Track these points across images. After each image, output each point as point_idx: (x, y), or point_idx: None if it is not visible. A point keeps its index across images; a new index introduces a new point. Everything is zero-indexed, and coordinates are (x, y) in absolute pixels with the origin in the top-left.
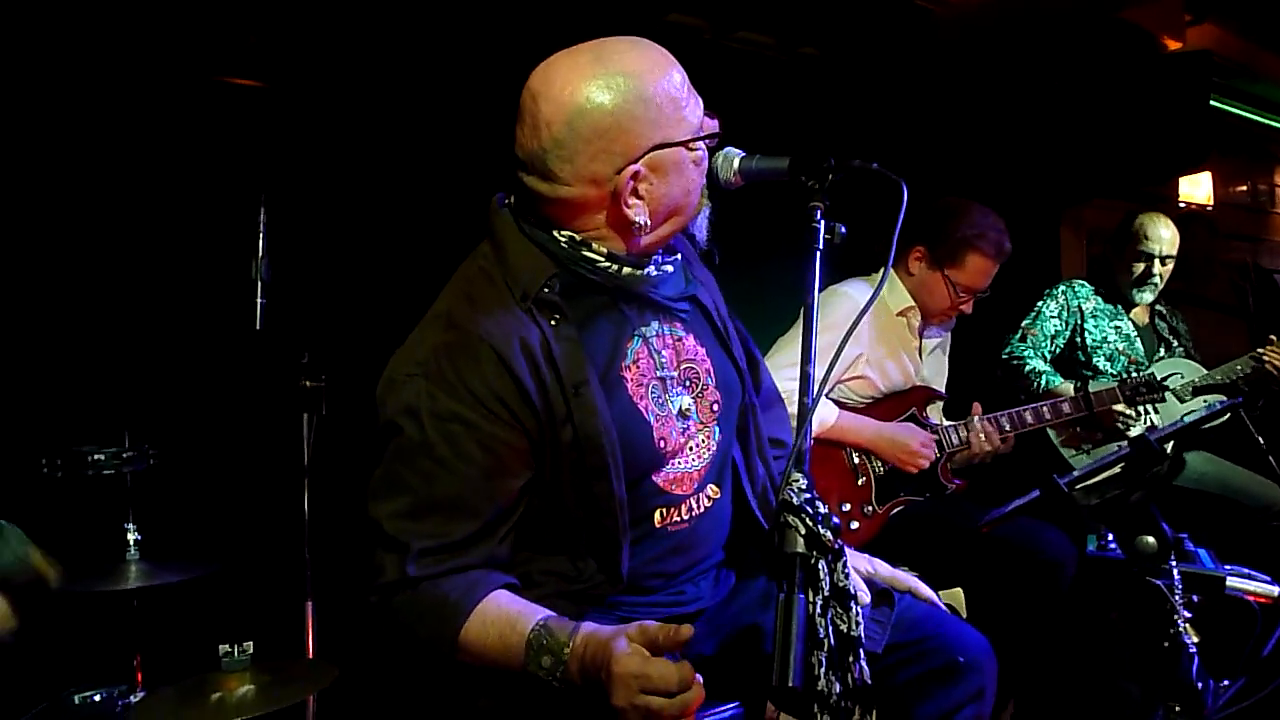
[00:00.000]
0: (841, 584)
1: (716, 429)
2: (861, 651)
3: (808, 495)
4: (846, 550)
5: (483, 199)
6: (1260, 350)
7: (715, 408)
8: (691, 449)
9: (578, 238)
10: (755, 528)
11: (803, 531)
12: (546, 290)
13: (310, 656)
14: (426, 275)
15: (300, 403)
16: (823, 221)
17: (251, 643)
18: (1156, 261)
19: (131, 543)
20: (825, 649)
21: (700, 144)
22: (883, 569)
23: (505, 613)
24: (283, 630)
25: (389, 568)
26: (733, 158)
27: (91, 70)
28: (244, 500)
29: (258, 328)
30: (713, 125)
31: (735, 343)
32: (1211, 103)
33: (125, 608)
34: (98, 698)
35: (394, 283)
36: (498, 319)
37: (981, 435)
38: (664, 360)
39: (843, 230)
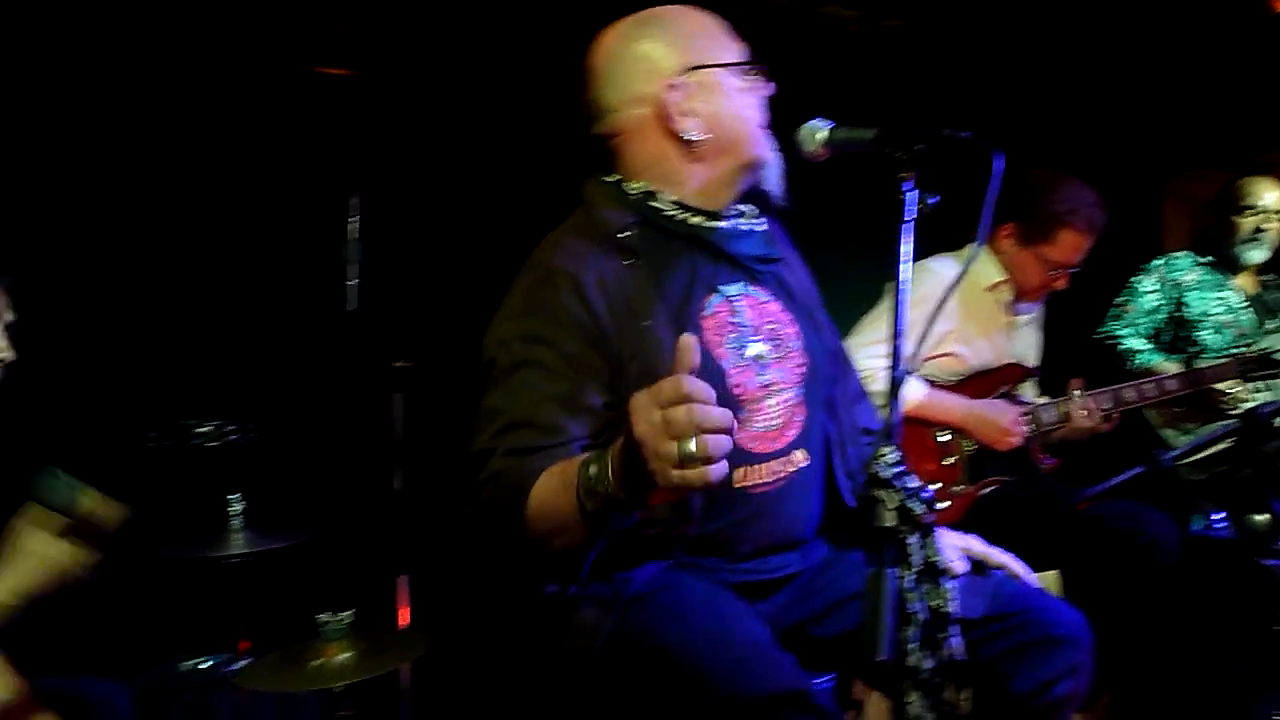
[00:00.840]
0: (933, 559)
1: (801, 390)
2: (954, 628)
3: (898, 469)
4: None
5: (575, 181)
6: None
7: (800, 371)
8: (773, 405)
9: (648, 187)
10: (845, 510)
11: (893, 506)
12: (625, 235)
13: (403, 626)
14: (518, 258)
15: (391, 382)
16: (912, 193)
17: (352, 610)
18: (1270, 216)
19: (235, 512)
20: (916, 624)
21: (749, 78)
22: (977, 545)
23: (564, 463)
24: (376, 602)
25: (481, 474)
26: (818, 129)
27: (185, 64)
28: (339, 475)
29: (350, 309)
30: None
31: (827, 328)
32: None
33: (230, 575)
34: (205, 665)
35: (484, 265)
36: (577, 254)
37: (1083, 411)
38: (745, 317)
39: (932, 201)
